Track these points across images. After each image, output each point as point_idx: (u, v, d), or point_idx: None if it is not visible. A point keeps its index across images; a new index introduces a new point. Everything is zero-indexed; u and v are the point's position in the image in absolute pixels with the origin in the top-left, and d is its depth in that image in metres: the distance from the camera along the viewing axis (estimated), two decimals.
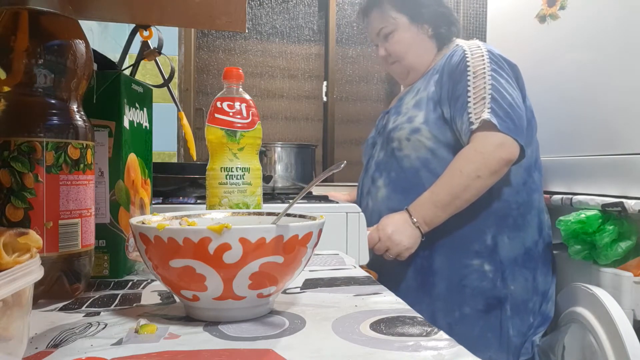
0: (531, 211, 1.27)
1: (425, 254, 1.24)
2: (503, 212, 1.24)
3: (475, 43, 1.30)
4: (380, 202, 1.31)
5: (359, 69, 2.76)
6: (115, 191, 0.63)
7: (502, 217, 1.23)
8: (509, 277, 1.22)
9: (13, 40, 0.48)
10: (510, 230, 1.23)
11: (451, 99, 1.23)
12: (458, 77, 1.22)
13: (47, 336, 0.41)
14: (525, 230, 1.25)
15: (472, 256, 1.22)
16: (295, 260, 0.45)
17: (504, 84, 1.19)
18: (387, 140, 1.33)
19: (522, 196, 1.26)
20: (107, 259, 0.62)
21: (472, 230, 1.23)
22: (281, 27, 2.68)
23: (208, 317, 0.46)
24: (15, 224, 0.48)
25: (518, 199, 1.25)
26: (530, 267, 1.25)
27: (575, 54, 1.44)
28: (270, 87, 2.66)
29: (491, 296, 1.21)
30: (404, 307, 0.51)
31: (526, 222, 1.26)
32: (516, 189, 1.25)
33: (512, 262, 1.22)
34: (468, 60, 1.23)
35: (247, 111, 0.71)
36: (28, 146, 0.48)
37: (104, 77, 0.62)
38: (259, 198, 0.72)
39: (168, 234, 0.42)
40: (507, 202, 1.24)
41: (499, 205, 1.24)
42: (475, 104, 1.16)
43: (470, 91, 1.18)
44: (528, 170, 1.27)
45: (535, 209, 1.28)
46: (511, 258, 1.22)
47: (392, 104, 1.50)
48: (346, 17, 2.74)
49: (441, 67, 1.31)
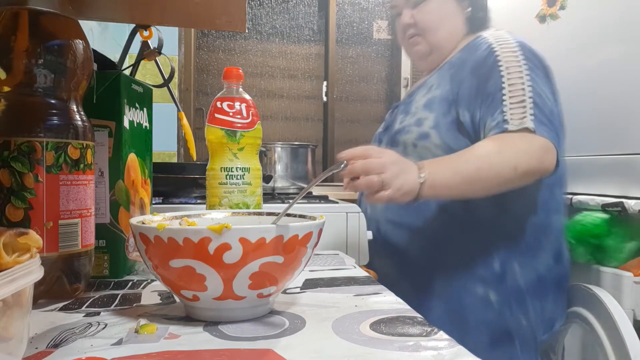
0: (548, 235, 1.06)
1: (425, 272, 1.06)
2: (515, 234, 1.04)
3: (502, 34, 1.07)
4: (378, 212, 1.12)
5: (359, 69, 2.75)
6: (115, 191, 0.63)
7: (514, 241, 1.04)
8: (518, 309, 1.03)
9: (13, 40, 0.48)
10: (522, 256, 1.04)
11: (477, 97, 1.01)
12: (487, 73, 1.00)
13: (47, 336, 0.41)
14: (539, 256, 1.05)
15: (476, 282, 1.03)
16: (295, 260, 0.45)
17: (542, 87, 0.99)
18: (392, 142, 1.14)
19: (539, 217, 1.05)
20: (107, 259, 0.62)
21: (478, 252, 1.03)
22: (281, 27, 2.68)
23: (208, 317, 0.46)
24: (15, 224, 0.48)
25: (535, 220, 1.04)
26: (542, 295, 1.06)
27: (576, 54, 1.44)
28: (270, 87, 2.66)
29: (497, 329, 1.02)
30: (404, 307, 0.51)
31: (540, 246, 1.05)
32: (533, 209, 1.05)
33: (523, 292, 1.03)
34: (497, 54, 1.01)
35: (247, 111, 0.71)
36: (28, 146, 0.48)
37: (104, 77, 0.62)
38: (259, 198, 0.72)
39: (168, 234, 0.42)
40: (521, 224, 1.04)
41: (511, 227, 1.03)
42: (512, 107, 0.96)
43: (505, 88, 0.97)
44: (551, 187, 1.06)
45: (553, 233, 1.07)
46: (521, 287, 1.03)
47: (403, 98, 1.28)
48: (346, 17, 2.74)
49: (460, 61, 1.08)
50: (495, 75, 0.99)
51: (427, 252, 1.05)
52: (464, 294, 1.03)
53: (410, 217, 1.06)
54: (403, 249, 1.07)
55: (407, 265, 1.03)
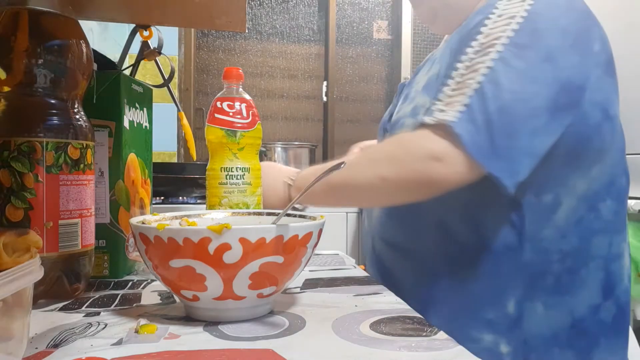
0: (588, 263, 0.78)
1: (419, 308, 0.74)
2: (537, 267, 0.77)
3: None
4: (374, 225, 0.92)
5: (359, 69, 2.75)
6: (115, 191, 0.63)
7: (536, 275, 0.77)
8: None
9: (13, 40, 0.48)
10: (549, 294, 0.77)
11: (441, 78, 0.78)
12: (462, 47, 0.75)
13: (47, 336, 0.41)
14: (576, 293, 0.78)
15: (482, 327, 0.77)
16: (295, 260, 0.45)
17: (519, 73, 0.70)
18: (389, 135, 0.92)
19: (570, 242, 0.77)
20: (107, 259, 0.62)
21: (486, 289, 0.78)
22: (281, 27, 2.68)
23: (208, 317, 0.46)
24: (15, 224, 0.48)
25: (563, 246, 0.77)
26: (582, 345, 0.78)
27: None
28: (270, 87, 2.66)
29: None
30: (404, 307, 0.51)
31: (578, 280, 0.78)
32: (562, 232, 0.77)
33: (548, 341, 0.78)
34: (488, 21, 0.74)
35: (247, 111, 0.71)
36: (28, 146, 0.48)
37: (104, 77, 0.62)
38: (259, 198, 0.72)
39: (168, 234, 0.42)
40: (545, 252, 0.77)
41: (531, 256, 0.76)
42: (452, 94, 0.72)
43: (459, 69, 0.73)
44: (589, 200, 0.78)
45: (596, 260, 0.79)
46: (545, 336, 0.77)
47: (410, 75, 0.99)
48: (346, 17, 2.74)
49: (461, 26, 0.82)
50: (462, 52, 0.75)
51: (422, 283, 0.82)
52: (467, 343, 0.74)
53: (404, 236, 0.85)
54: (396, 275, 0.85)
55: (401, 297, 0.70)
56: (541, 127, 0.71)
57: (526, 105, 0.70)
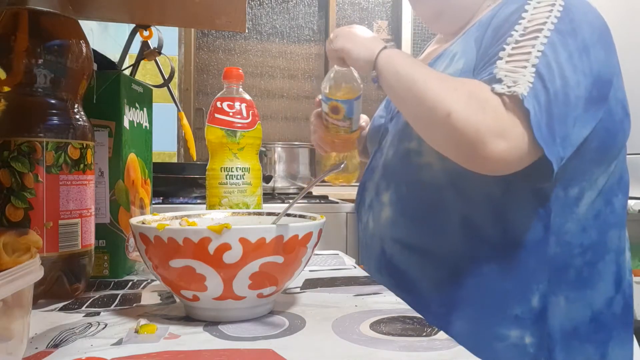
0: (604, 257, 0.80)
1: (441, 311, 0.79)
2: (561, 260, 0.77)
3: None
4: (383, 226, 0.86)
5: None
6: (115, 191, 0.63)
7: (559, 269, 0.77)
8: (562, 356, 0.77)
9: (13, 40, 0.48)
10: (571, 289, 0.78)
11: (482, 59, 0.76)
12: (505, 31, 0.73)
13: (47, 336, 0.41)
14: (595, 287, 0.79)
15: (509, 323, 0.77)
16: (295, 260, 0.45)
17: (565, 60, 0.69)
18: (401, 134, 0.85)
19: (590, 236, 0.78)
20: (107, 259, 0.62)
21: (513, 285, 0.77)
22: (281, 27, 2.68)
23: (208, 317, 0.46)
24: (15, 224, 0.48)
25: (584, 240, 0.78)
26: (599, 339, 0.79)
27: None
28: (270, 87, 2.66)
29: None
30: (404, 307, 0.51)
31: (597, 273, 0.79)
32: (583, 225, 0.78)
33: (568, 335, 0.78)
34: (528, 6, 0.73)
35: (247, 111, 0.71)
36: (28, 146, 0.48)
37: (104, 77, 0.62)
38: (259, 198, 0.72)
39: (168, 234, 0.42)
40: (568, 246, 0.77)
41: (555, 250, 0.77)
42: (508, 68, 0.69)
43: (506, 49, 0.71)
44: (605, 195, 0.80)
45: (610, 253, 0.81)
46: (567, 329, 0.77)
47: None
48: (346, 17, 2.74)
49: (488, 18, 0.80)
50: (508, 35, 0.73)
51: (445, 285, 0.79)
52: (494, 341, 0.78)
53: (424, 237, 0.81)
54: (414, 278, 0.81)
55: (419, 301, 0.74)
56: (579, 118, 0.70)
57: (572, 92, 0.69)
